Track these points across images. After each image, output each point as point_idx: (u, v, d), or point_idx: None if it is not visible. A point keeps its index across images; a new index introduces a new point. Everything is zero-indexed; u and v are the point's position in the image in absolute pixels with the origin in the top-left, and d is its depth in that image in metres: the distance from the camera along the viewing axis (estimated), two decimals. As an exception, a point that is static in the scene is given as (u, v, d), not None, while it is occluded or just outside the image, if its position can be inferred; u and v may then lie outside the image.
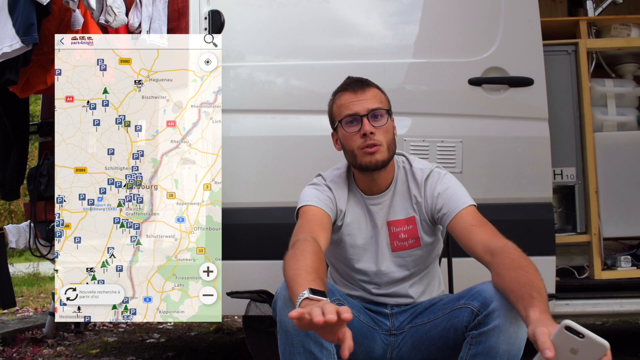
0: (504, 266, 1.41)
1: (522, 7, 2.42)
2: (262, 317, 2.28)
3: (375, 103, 1.70)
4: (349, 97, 1.71)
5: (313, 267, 1.41)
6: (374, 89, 1.74)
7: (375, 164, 1.67)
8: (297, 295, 1.31)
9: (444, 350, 1.57)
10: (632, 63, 2.97)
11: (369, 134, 1.66)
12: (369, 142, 1.66)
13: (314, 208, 1.69)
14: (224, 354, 3.37)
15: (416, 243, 1.74)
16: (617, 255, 2.75)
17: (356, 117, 1.69)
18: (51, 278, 6.52)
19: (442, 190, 1.70)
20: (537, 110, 2.39)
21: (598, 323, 4.14)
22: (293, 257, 1.46)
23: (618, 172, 2.74)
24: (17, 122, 3.11)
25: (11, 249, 3.18)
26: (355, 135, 1.68)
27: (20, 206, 8.80)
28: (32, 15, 2.19)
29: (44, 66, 2.62)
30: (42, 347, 3.30)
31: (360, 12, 2.49)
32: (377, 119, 1.69)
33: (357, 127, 1.68)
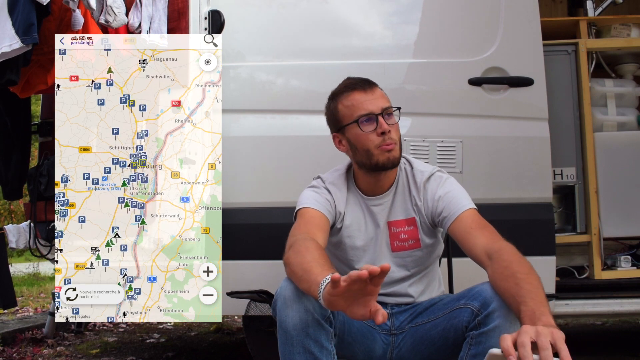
0: (497, 275, 1.42)
1: (522, 7, 2.42)
2: (262, 317, 2.27)
3: (386, 102, 1.71)
4: (359, 96, 1.70)
5: (323, 258, 1.43)
6: (379, 88, 1.74)
7: (393, 161, 1.68)
8: (317, 283, 1.31)
9: (444, 350, 1.57)
10: (632, 63, 2.97)
11: (387, 132, 1.66)
12: (388, 141, 1.66)
13: (312, 210, 1.69)
14: (224, 354, 3.38)
15: (416, 244, 1.74)
16: (617, 255, 2.75)
17: (372, 116, 1.68)
18: (51, 278, 6.52)
19: (443, 194, 1.70)
20: (537, 110, 2.39)
21: (598, 323, 4.14)
22: (297, 253, 1.46)
23: (618, 172, 2.74)
24: (18, 121, 3.11)
25: (11, 249, 3.18)
26: (372, 135, 1.67)
27: (20, 206, 8.81)
28: (32, 15, 2.19)
29: (44, 66, 2.62)
30: (42, 347, 3.30)
31: (360, 12, 2.49)
32: (390, 117, 1.69)
33: (373, 126, 1.68)
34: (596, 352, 3.22)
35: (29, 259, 7.41)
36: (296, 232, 1.61)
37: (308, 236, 1.56)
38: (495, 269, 1.43)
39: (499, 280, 1.41)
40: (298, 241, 1.53)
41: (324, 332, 1.44)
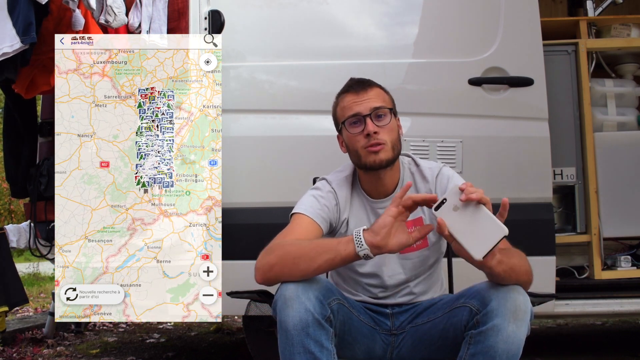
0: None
1: (522, 7, 2.42)
2: (262, 317, 2.27)
3: (377, 102, 1.70)
4: (351, 98, 1.71)
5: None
6: (377, 88, 1.74)
7: (379, 163, 1.67)
8: (348, 241, 1.45)
9: (443, 349, 1.57)
10: (632, 63, 2.97)
11: (373, 133, 1.66)
12: (372, 142, 1.66)
13: (304, 218, 1.67)
14: (224, 354, 3.38)
15: (424, 244, 1.73)
16: (617, 255, 2.75)
17: (359, 117, 1.68)
18: (51, 278, 6.52)
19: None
20: (537, 110, 2.39)
21: (598, 323, 4.14)
22: (290, 245, 1.52)
23: (618, 172, 2.74)
24: (27, 118, 3.11)
25: (11, 248, 3.18)
26: (358, 136, 1.68)
27: (20, 206, 8.81)
28: (30, 14, 2.20)
29: (47, 66, 2.62)
30: (42, 347, 3.30)
31: (360, 12, 2.49)
32: (380, 118, 1.69)
33: (360, 127, 1.68)
34: (596, 352, 3.22)
35: (29, 259, 7.40)
36: (279, 237, 1.61)
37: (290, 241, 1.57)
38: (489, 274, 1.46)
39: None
40: (272, 245, 1.55)
41: (324, 332, 1.44)
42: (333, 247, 1.46)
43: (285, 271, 1.47)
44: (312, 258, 1.45)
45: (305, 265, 1.45)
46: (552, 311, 2.44)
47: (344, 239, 1.46)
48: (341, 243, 1.46)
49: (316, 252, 1.46)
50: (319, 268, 1.46)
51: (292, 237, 1.60)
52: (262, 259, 1.52)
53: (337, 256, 1.44)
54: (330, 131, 1.83)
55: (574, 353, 3.20)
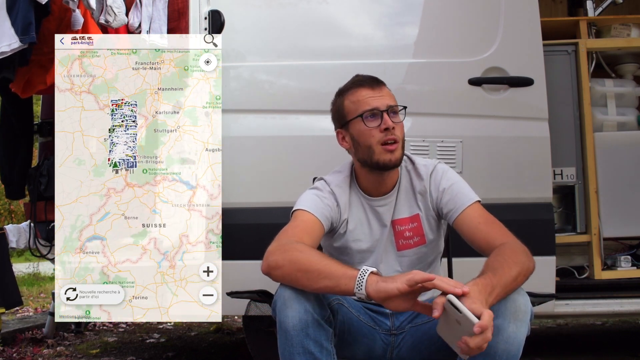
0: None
1: (522, 7, 2.42)
2: (262, 317, 2.27)
3: (392, 100, 1.71)
4: (366, 92, 1.70)
5: (327, 256, 1.50)
6: (387, 87, 1.75)
7: (395, 162, 1.67)
8: (351, 277, 1.39)
9: (443, 349, 1.56)
10: (632, 63, 2.97)
11: (391, 128, 1.66)
12: (390, 137, 1.66)
13: (307, 214, 1.66)
14: (224, 354, 3.38)
15: (421, 240, 1.74)
16: (617, 255, 2.74)
17: (376, 111, 1.67)
18: (51, 278, 6.52)
19: (447, 186, 1.70)
20: (537, 110, 2.39)
21: (598, 323, 4.14)
22: (301, 252, 1.48)
23: (618, 172, 2.74)
24: (23, 120, 3.12)
25: (11, 249, 3.18)
26: (374, 130, 1.67)
27: (20, 206, 8.80)
28: (30, 14, 2.20)
29: (44, 66, 2.62)
30: (42, 347, 3.30)
31: (360, 12, 2.49)
32: (396, 115, 1.69)
33: (377, 122, 1.67)
34: (596, 352, 3.22)
35: (29, 259, 7.40)
36: (283, 235, 1.60)
37: (294, 240, 1.55)
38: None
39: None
40: (287, 244, 1.53)
41: (323, 332, 1.44)
42: (336, 277, 1.41)
43: (286, 278, 1.47)
44: (314, 279, 1.43)
45: (306, 283, 1.44)
46: (552, 311, 2.44)
47: (350, 273, 1.41)
48: (345, 276, 1.40)
49: (319, 275, 1.42)
50: (317, 290, 1.45)
51: (297, 233, 1.60)
52: (274, 255, 1.51)
53: (336, 287, 1.41)
54: (330, 131, 1.82)
55: (574, 353, 3.20)
